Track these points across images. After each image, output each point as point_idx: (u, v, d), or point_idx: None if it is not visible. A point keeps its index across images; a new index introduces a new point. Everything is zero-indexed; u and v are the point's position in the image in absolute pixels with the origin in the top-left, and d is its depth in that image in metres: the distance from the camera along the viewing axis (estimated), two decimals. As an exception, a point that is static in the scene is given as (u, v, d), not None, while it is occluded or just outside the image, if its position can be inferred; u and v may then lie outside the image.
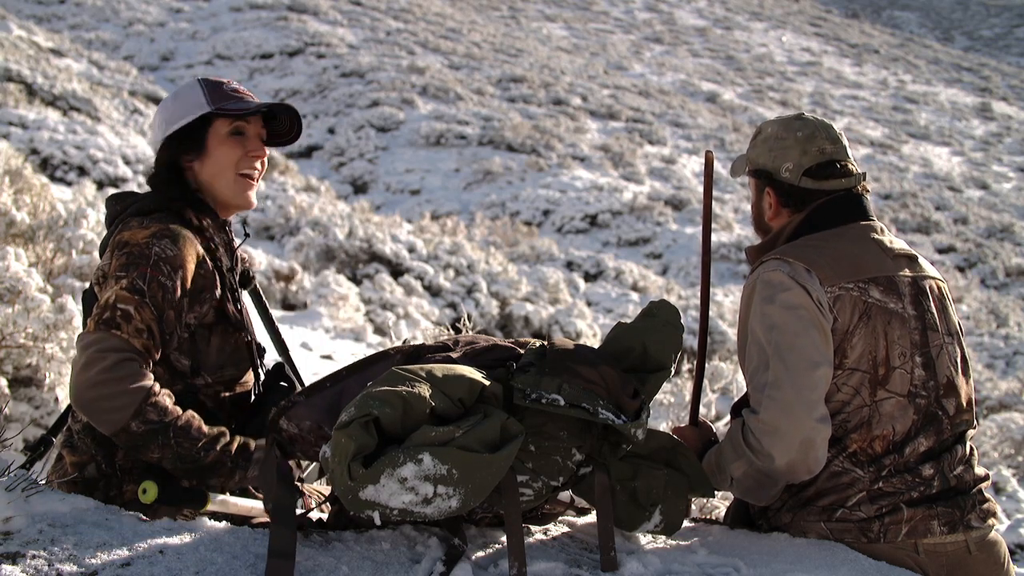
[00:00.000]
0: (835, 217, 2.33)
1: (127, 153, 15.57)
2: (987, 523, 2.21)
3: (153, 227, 2.12)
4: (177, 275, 2.08)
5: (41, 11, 40.15)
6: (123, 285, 2.03)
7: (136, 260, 2.06)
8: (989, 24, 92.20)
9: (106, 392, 1.93)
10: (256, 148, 2.30)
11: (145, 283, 2.04)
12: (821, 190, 2.34)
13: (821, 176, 2.34)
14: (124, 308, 2.01)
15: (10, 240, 5.17)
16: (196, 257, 2.15)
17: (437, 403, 1.73)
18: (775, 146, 2.39)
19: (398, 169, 29.61)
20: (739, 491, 2.27)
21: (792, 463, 2.15)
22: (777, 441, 2.14)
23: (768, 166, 2.39)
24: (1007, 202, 34.72)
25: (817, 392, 2.14)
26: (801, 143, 2.36)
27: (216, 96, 2.25)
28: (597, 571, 1.89)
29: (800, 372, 2.13)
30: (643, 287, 17.71)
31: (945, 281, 2.41)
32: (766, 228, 2.45)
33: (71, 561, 1.60)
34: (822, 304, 2.18)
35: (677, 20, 67.33)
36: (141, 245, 2.08)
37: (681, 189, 28.83)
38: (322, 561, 1.74)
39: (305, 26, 41.91)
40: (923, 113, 50.90)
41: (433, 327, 10.35)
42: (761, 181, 2.42)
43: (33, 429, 4.28)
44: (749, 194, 2.56)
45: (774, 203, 2.40)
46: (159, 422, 1.95)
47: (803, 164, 2.34)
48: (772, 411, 2.14)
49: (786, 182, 2.36)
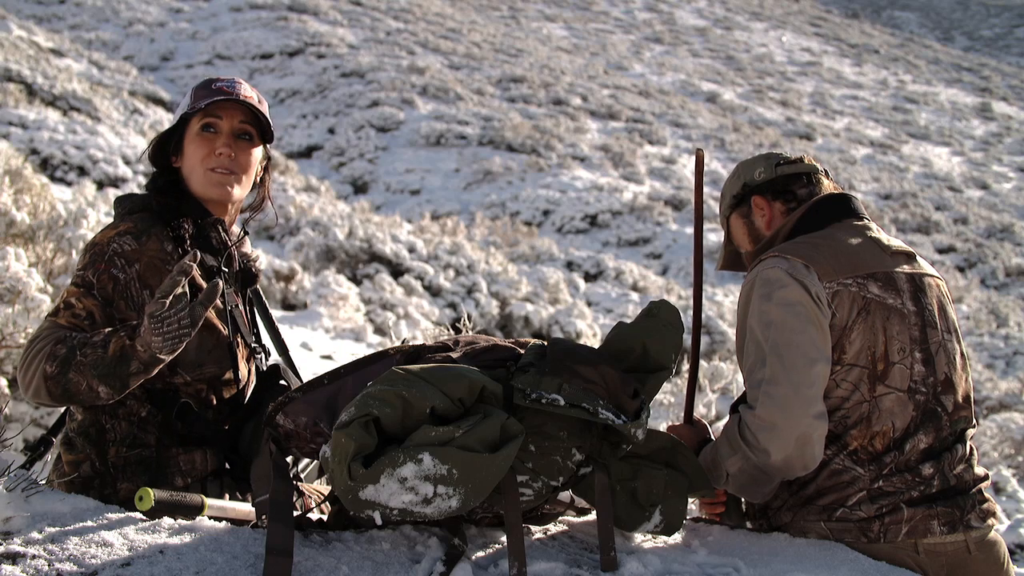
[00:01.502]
0: (829, 215, 2.38)
1: (127, 153, 15.57)
2: (987, 523, 2.21)
3: (122, 227, 2.18)
4: (132, 268, 2.13)
5: (41, 11, 40.17)
6: (74, 281, 2.12)
7: (94, 258, 2.13)
8: (989, 24, 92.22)
9: (25, 363, 1.98)
10: (224, 144, 2.28)
11: (95, 277, 2.10)
12: (798, 173, 2.48)
13: (791, 163, 2.50)
14: (68, 300, 2.09)
15: (10, 240, 5.17)
16: (161, 253, 2.18)
17: (437, 403, 1.73)
18: (739, 172, 2.58)
19: (398, 169, 29.62)
20: (734, 487, 2.27)
21: (788, 459, 2.15)
22: (773, 437, 2.14)
23: (740, 184, 2.55)
24: (1007, 202, 34.74)
25: (814, 388, 2.15)
26: (761, 158, 2.56)
27: (199, 95, 2.28)
28: (597, 571, 1.89)
29: (797, 369, 2.14)
30: (643, 287, 17.72)
31: (944, 280, 2.43)
32: (768, 242, 2.48)
33: (71, 561, 1.60)
34: (820, 300, 2.19)
35: (677, 20, 67.35)
36: (103, 244, 2.14)
37: (681, 189, 28.84)
38: (322, 561, 1.74)
39: (305, 26, 41.93)
40: (923, 113, 50.92)
41: (433, 327, 10.35)
42: (744, 202, 2.54)
43: (33, 429, 4.28)
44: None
45: (765, 206, 2.48)
46: (67, 349, 1.96)
47: (771, 162, 2.51)
48: (769, 407, 2.15)
49: (765, 180, 2.49)
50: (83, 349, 1.95)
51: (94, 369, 1.94)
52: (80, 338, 1.98)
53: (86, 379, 1.95)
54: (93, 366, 1.94)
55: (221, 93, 2.26)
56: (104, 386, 1.96)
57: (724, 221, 2.62)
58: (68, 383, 1.95)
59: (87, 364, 1.94)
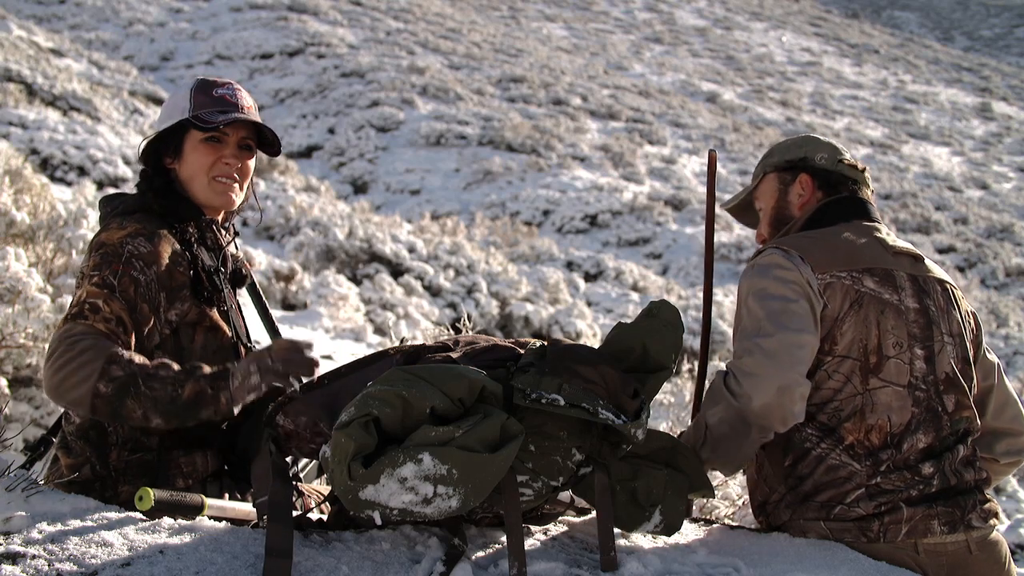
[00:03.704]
0: (839, 214, 2.41)
1: (127, 153, 15.57)
2: (989, 523, 2.22)
3: (129, 227, 2.15)
4: (151, 270, 2.11)
5: (41, 11, 40.16)
6: (94, 282, 2.06)
7: (109, 259, 2.09)
8: (989, 24, 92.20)
9: (69, 369, 1.91)
10: (231, 155, 2.31)
11: (116, 279, 2.06)
12: (853, 178, 2.49)
13: (852, 167, 2.50)
14: (92, 302, 2.04)
15: (10, 240, 5.17)
16: (172, 255, 2.17)
17: (437, 403, 1.73)
18: (805, 144, 2.55)
19: (398, 169, 29.61)
20: (711, 445, 2.27)
21: (767, 407, 2.18)
22: (757, 382, 2.19)
23: (801, 155, 2.52)
24: (1007, 202, 34.71)
25: (803, 351, 2.19)
26: (830, 145, 2.54)
27: (200, 101, 2.28)
28: (597, 571, 1.89)
29: (789, 330, 2.19)
30: (643, 287, 17.72)
31: (955, 286, 2.44)
32: (787, 220, 2.51)
33: (71, 561, 1.60)
34: (812, 287, 2.24)
35: (677, 20, 67.34)
36: (115, 244, 2.12)
37: (681, 189, 28.83)
38: (322, 561, 1.74)
39: (305, 26, 41.91)
40: (923, 113, 50.90)
41: (433, 327, 10.35)
42: (792, 172, 2.51)
43: (33, 429, 4.28)
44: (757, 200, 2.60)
45: (809, 186, 2.49)
46: (125, 375, 1.91)
47: (835, 155, 2.51)
48: (757, 355, 2.21)
49: (823, 167, 2.49)
50: (149, 382, 1.91)
51: (159, 405, 1.92)
52: (141, 366, 1.93)
53: (143, 409, 1.92)
54: (159, 402, 1.92)
55: (224, 103, 2.28)
56: (161, 419, 1.94)
57: (760, 173, 2.61)
58: (122, 407, 1.91)
59: (151, 399, 1.91)
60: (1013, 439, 2.47)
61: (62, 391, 1.93)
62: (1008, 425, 2.46)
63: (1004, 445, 2.44)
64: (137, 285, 2.08)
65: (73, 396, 1.92)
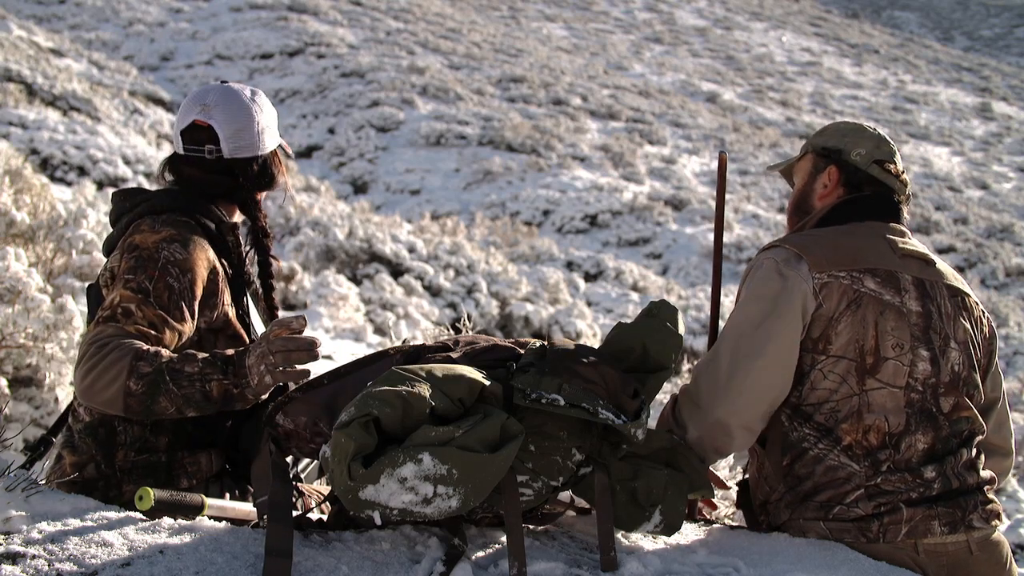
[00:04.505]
0: (853, 214, 2.37)
1: (127, 153, 15.57)
2: (990, 524, 2.21)
3: (164, 232, 2.13)
4: (186, 277, 2.10)
5: (41, 11, 40.14)
6: (128, 286, 2.05)
7: (144, 263, 2.07)
8: (989, 24, 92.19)
9: (99, 369, 1.92)
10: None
11: (151, 284, 2.05)
12: (881, 181, 2.41)
13: (887, 171, 2.42)
14: (126, 306, 2.02)
15: (10, 240, 5.17)
16: (207, 262, 2.17)
17: (437, 403, 1.73)
18: (849, 134, 2.48)
19: (398, 169, 29.60)
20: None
21: (701, 440, 2.22)
22: (694, 413, 2.23)
23: (839, 146, 2.46)
24: (1007, 202, 34.70)
25: (749, 380, 2.18)
26: (876, 139, 2.46)
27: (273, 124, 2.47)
28: (597, 571, 1.89)
29: (740, 359, 2.19)
30: (643, 287, 17.72)
31: (970, 294, 2.39)
32: (808, 210, 2.47)
33: (71, 561, 1.60)
34: (802, 288, 2.19)
35: (677, 20, 67.33)
36: (151, 249, 2.09)
37: (681, 189, 28.83)
38: (322, 561, 1.74)
39: (305, 26, 41.90)
40: (923, 113, 50.89)
41: (433, 327, 10.35)
42: (826, 160, 2.47)
43: (33, 429, 4.28)
44: (767, 190, 2.59)
45: (834, 181, 2.44)
46: (153, 370, 1.92)
47: (875, 155, 2.43)
48: (699, 383, 2.25)
49: (854, 164, 2.42)
50: (177, 380, 1.92)
51: (191, 402, 1.94)
52: (168, 363, 1.94)
53: (176, 405, 1.94)
54: (191, 401, 1.94)
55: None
56: (195, 411, 1.98)
57: (805, 148, 2.57)
58: (156, 406, 1.93)
59: (179, 396, 1.93)
60: (1001, 459, 2.49)
61: (94, 392, 1.93)
62: (1001, 443, 2.48)
63: (992, 463, 2.44)
64: (171, 292, 2.07)
65: (105, 396, 1.93)
